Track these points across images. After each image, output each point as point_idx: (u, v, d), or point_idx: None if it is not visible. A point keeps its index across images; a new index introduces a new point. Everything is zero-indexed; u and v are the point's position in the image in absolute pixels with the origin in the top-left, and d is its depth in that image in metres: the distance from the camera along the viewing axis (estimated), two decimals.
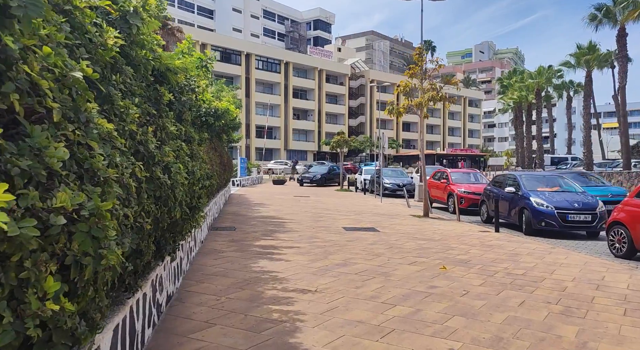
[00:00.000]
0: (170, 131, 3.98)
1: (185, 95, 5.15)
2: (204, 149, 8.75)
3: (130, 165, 2.57)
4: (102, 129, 2.15)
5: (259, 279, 6.76)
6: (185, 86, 5.33)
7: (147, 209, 3.04)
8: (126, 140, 2.77)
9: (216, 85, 16.27)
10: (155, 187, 3.31)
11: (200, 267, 7.51)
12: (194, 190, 4.87)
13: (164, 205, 3.69)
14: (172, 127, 4.02)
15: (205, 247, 9.30)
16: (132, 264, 3.17)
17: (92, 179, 1.90)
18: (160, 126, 3.70)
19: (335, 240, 10.47)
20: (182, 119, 5.37)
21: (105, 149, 2.13)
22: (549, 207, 12.10)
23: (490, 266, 8.07)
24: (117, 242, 2.04)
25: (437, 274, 7.37)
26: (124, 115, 2.67)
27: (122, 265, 2.27)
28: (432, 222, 14.61)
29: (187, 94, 5.21)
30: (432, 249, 9.77)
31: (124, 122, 2.64)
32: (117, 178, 2.14)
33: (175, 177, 3.68)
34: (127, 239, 2.37)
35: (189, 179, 4.79)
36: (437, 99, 15.36)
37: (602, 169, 31.54)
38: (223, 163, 14.57)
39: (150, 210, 3.11)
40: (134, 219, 2.79)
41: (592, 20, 33.61)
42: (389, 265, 7.93)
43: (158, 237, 4.05)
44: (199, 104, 6.77)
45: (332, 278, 6.93)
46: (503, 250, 9.81)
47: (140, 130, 3.05)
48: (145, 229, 2.88)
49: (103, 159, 2.03)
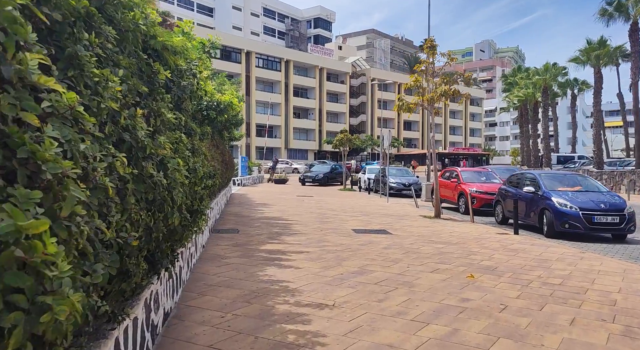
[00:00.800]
0: (167, 119, 3.22)
1: (186, 79, 4.39)
2: (206, 145, 8.00)
3: (108, 158, 1.81)
4: (58, 102, 1.39)
5: (267, 290, 6.01)
6: (186, 71, 4.58)
7: (135, 218, 2.28)
8: (104, 124, 2.02)
9: (218, 79, 15.50)
10: (146, 188, 2.56)
11: (202, 275, 6.75)
12: (195, 191, 4.12)
13: (158, 211, 2.93)
14: (170, 114, 3.27)
15: (207, 252, 8.55)
16: (116, 289, 2.41)
17: (31, 178, 1.15)
18: (155, 111, 2.95)
19: (347, 244, 9.72)
20: (181, 108, 4.61)
21: (63, 131, 1.38)
22: (573, 208, 11.34)
23: (522, 274, 7.32)
24: (77, 277, 1.28)
25: (466, 284, 6.61)
26: (100, 88, 1.91)
27: (90, 308, 1.51)
28: (445, 224, 13.85)
29: (187, 78, 4.46)
30: (452, 253, 9.02)
31: (99, 97, 1.90)
32: (80, 175, 1.38)
33: (173, 176, 2.92)
34: (100, 264, 1.61)
35: (190, 178, 4.04)
36: (449, 94, 14.59)
37: (613, 168, 30.79)
38: (225, 161, 13.82)
39: (139, 219, 2.35)
40: (115, 233, 2.03)
41: (602, 15, 32.74)
42: (410, 273, 7.18)
43: (152, 249, 3.30)
44: (200, 95, 6.02)
45: (349, 289, 6.17)
46: (529, 255, 9.06)
47: (127, 112, 2.30)
48: (132, 246, 2.12)
49: (56, 145, 1.28)
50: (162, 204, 2.94)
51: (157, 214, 2.94)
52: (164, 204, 2.95)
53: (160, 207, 2.94)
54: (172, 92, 4.12)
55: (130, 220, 2.27)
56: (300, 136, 75.37)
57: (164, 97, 3.16)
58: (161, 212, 2.98)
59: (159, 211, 2.97)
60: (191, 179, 3.97)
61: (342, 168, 35.97)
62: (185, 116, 4.73)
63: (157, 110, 2.91)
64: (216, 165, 8.94)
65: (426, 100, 15.07)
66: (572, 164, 39.93)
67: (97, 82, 1.88)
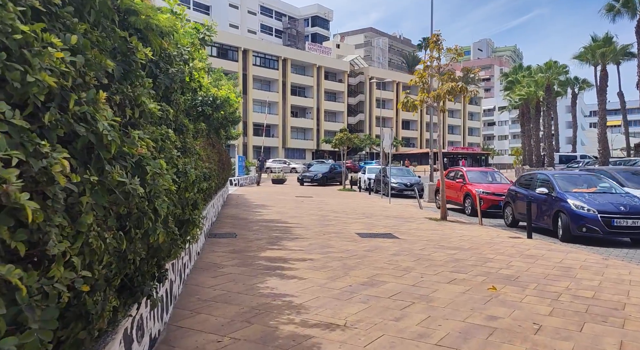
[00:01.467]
0: (149, 110, 2.56)
1: (175, 65, 3.73)
2: (200, 144, 7.32)
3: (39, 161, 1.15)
4: None
5: (269, 306, 5.35)
6: (175, 57, 3.91)
7: (93, 244, 1.62)
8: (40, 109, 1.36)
9: (214, 74, 14.78)
10: (116, 200, 1.89)
11: (196, 288, 6.09)
12: (186, 198, 3.46)
13: (136, 227, 2.27)
14: (153, 105, 2.61)
15: (202, 259, 7.88)
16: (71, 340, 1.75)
17: None
18: (131, 99, 2.29)
19: (352, 250, 9.07)
20: (170, 100, 3.94)
21: None
22: (590, 211, 10.70)
23: (547, 285, 6.68)
24: None
25: (489, 297, 5.97)
26: (28, 53, 1.26)
27: None
28: (452, 227, 13.21)
29: (177, 64, 3.80)
30: (466, 260, 8.38)
31: (25, 65, 1.24)
32: None
33: (154, 182, 2.26)
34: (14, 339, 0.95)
35: (180, 182, 3.37)
36: (457, 90, 13.94)
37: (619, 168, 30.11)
38: (222, 161, 13.15)
39: (99, 246, 1.68)
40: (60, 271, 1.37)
41: (609, 11, 32.06)
42: (425, 285, 6.53)
43: (131, 273, 2.65)
44: (194, 88, 5.35)
45: (361, 305, 5.52)
46: (549, 262, 8.42)
47: (84, 95, 1.64)
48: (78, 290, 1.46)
49: None
50: (141, 218, 2.28)
51: (135, 231, 2.28)
52: (143, 218, 2.28)
53: (138, 223, 2.28)
54: (158, 80, 3.45)
55: (88, 248, 1.61)
56: (298, 135, 74.67)
57: (144, 83, 2.50)
58: (140, 228, 2.31)
59: (137, 227, 2.31)
60: (181, 183, 3.30)
61: (341, 168, 35.32)
62: (174, 110, 4.06)
63: (134, 98, 2.25)
64: (212, 166, 8.28)
65: (432, 97, 14.41)
66: (575, 163, 39.30)
67: (19, 42, 1.23)
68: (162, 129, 3.11)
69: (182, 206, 3.70)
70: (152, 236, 2.43)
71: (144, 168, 2.13)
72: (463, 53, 14.55)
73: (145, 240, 2.42)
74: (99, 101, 1.71)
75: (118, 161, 1.89)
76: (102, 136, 1.64)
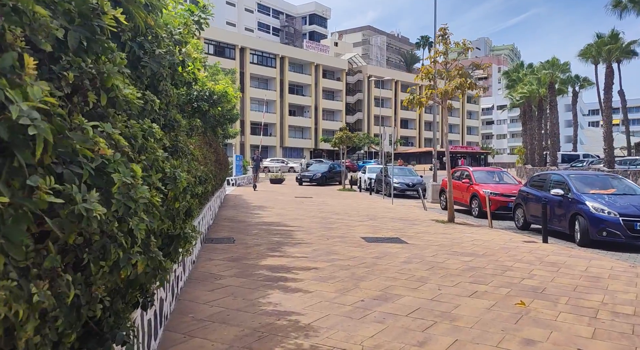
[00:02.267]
0: (123, 97, 1.90)
1: (163, 47, 3.07)
2: (195, 143, 6.66)
3: None
4: None
5: (273, 327, 4.69)
6: (165, 38, 3.25)
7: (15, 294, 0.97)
8: None
9: (210, 68, 14.08)
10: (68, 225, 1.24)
11: (191, 305, 5.43)
12: (176, 209, 2.81)
13: (99, 259, 1.62)
14: (129, 90, 1.96)
15: (198, 269, 7.22)
16: None
17: None
18: (92, 78, 1.63)
19: (360, 257, 8.43)
20: (158, 90, 3.28)
21: None
22: (611, 214, 10.07)
23: (579, 299, 6.04)
24: None
25: (519, 314, 5.33)
26: None
27: None
28: (461, 230, 12.57)
29: (165, 46, 3.14)
30: (483, 269, 7.74)
31: None
32: None
33: (124, 195, 1.60)
34: None
35: (169, 190, 2.71)
36: (465, 86, 13.30)
37: (625, 167, 29.61)
38: (219, 161, 12.49)
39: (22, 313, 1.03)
40: None
41: (615, 7, 31.40)
42: (444, 299, 5.89)
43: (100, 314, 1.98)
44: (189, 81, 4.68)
45: (377, 325, 4.87)
46: (573, 270, 7.79)
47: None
48: None
49: None
50: (107, 246, 1.62)
51: (97, 267, 1.62)
52: (109, 246, 1.63)
53: (102, 253, 1.62)
54: (142, 63, 2.80)
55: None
56: (296, 134, 73.92)
57: (116, 57, 1.84)
58: (106, 258, 1.66)
59: (102, 259, 1.65)
60: (169, 191, 2.64)
61: (340, 167, 34.66)
62: (164, 101, 3.40)
63: (98, 74, 1.60)
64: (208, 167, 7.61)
65: (440, 94, 13.77)
66: (578, 162, 38.69)
67: None
68: (144, 124, 2.45)
69: (172, 218, 3.05)
70: (126, 269, 1.77)
71: (108, 176, 1.48)
72: (473, 48, 13.87)
73: (116, 274, 1.76)
74: (24, 70, 1.06)
75: (67, 167, 1.24)
76: (17, 127, 1.00)
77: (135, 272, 1.94)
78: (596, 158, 40.39)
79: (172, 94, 3.96)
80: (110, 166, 1.48)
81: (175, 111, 4.43)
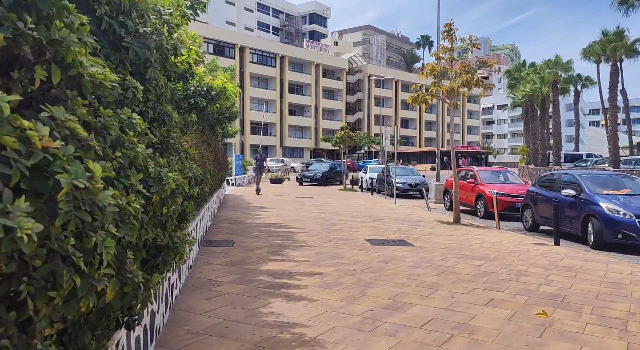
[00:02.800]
0: (89, 75, 1.49)
1: (149, 26, 2.66)
2: (191, 141, 6.23)
3: None
4: None
5: (276, 342, 4.28)
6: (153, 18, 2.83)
7: None
8: None
9: (208, 64, 13.65)
10: None
11: (186, 315, 5.01)
12: (163, 218, 2.39)
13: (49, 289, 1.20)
14: (97, 68, 1.54)
15: (195, 274, 6.81)
16: None
17: None
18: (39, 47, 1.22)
19: (365, 261, 8.02)
20: (145, 78, 2.86)
21: None
22: (627, 215, 9.66)
23: (604, 308, 5.63)
24: None
25: (542, 326, 4.91)
26: None
27: None
28: (468, 231, 12.16)
29: (152, 24, 2.72)
30: (496, 274, 7.33)
31: None
32: None
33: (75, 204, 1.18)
34: None
35: (153, 193, 2.29)
36: (472, 83, 12.89)
37: (630, 167, 29.21)
38: (218, 160, 12.07)
39: None
40: None
41: (621, 4, 30.99)
42: (459, 308, 5.47)
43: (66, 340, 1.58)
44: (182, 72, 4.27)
45: (389, 338, 4.45)
46: (592, 276, 7.38)
47: None
48: None
49: None
50: (56, 272, 1.20)
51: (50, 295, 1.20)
52: (60, 270, 1.21)
53: (51, 281, 1.21)
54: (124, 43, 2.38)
55: None
56: (296, 134, 73.48)
57: (75, 22, 1.42)
58: (57, 288, 1.24)
59: (54, 288, 1.24)
60: (153, 195, 2.22)
61: (341, 167, 34.24)
62: (151, 91, 2.98)
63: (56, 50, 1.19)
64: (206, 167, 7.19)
65: (445, 91, 13.35)
66: (582, 162, 38.27)
67: None
68: (123, 113, 2.03)
69: (161, 224, 2.62)
70: (87, 299, 1.35)
71: (53, 177, 1.07)
72: (479, 44, 13.45)
73: (74, 306, 1.34)
74: None
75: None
76: None
77: (104, 300, 1.52)
78: (600, 158, 39.97)
79: (164, 84, 3.54)
80: (57, 164, 1.07)
81: (168, 105, 4.01)
